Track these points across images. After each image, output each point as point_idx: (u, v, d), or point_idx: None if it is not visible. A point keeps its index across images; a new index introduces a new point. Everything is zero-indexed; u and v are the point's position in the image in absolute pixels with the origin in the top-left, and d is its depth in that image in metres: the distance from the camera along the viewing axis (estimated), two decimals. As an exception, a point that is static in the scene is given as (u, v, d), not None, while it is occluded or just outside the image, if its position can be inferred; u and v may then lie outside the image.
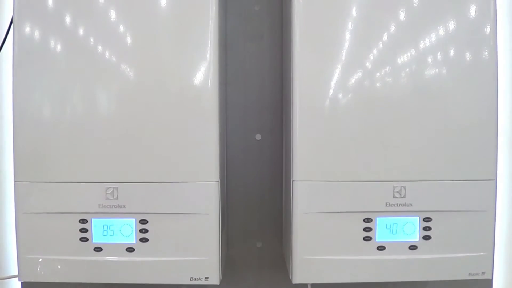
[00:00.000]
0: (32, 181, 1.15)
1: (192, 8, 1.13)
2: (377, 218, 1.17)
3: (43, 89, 1.14)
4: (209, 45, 1.13)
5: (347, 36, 1.13)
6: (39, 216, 1.16)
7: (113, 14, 1.13)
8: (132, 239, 1.17)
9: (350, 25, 1.13)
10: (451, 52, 1.13)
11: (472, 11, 1.13)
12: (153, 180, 1.15)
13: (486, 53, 1.13)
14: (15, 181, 1.16)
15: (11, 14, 1.15)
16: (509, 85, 1.47)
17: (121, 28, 1.13)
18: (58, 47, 1.13)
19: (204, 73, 1.12)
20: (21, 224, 1.17)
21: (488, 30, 1.13)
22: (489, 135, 1.14)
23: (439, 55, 1.13)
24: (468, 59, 1.13)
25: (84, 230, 1.17)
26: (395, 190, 1.14)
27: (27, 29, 1.13)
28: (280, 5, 1.48)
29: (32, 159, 1.15)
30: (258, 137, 1.50)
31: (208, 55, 1.13)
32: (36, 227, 1.17)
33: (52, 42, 1.13)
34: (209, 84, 1.13)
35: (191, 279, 1.18)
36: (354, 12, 1.13)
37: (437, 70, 1.13)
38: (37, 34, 1.13)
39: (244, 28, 1.49)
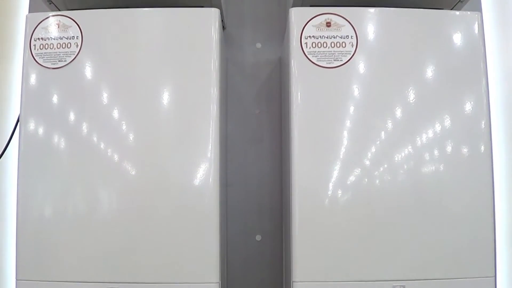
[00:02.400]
0: (34, 280, 1.14)
1: (194, 109, 1.17)
2: (378, 319, 1.16)
3: (47, 188, 1.16)
4: (210, 146, 1.16)
5: (345, 135, 1.16)
6: (40, 315, 1.15)
7: (116, 114, 1.17)
8: None
9: (348, 124, 1.17)
10: (448, 148, 1.16)
11: (468, 107, 1.17)
12: (154, 280, 1.14)
13: (482, 147, 1.16)
14: (16, 279, 1.15)
15: (18, 112, 1.20)
16: (504, 179, 1.49)
17: (124, 128, 1.17)
18: (62, 146, 1.16)
19: (205, 173, 1.15)
20: (21, 323, 1.16)
21: (483, 124, 1.16)
22: (487, 231, 1.15)
23: (435, 152, 1.16)
24: (464, 154, 1.16)
25: (83, 330, 1.16)
26: (395, 290, 1.14)
27: (33, 127, 1.17)
28: (279, 107, 1.53)
29: (34, 257, 1.15)
30: (258, 237, 1.51)
31: (209, 155, 1.15)
32: (36, 326, 1.16)
33: (57, 140, 1.17)
34: (210, 184, 1.15)
35: None
36: (351, 111, 1.17)
37: (433, 167, 1.15)
38: (42, 132, 1.17)
39: (244, 130, 1.53)
